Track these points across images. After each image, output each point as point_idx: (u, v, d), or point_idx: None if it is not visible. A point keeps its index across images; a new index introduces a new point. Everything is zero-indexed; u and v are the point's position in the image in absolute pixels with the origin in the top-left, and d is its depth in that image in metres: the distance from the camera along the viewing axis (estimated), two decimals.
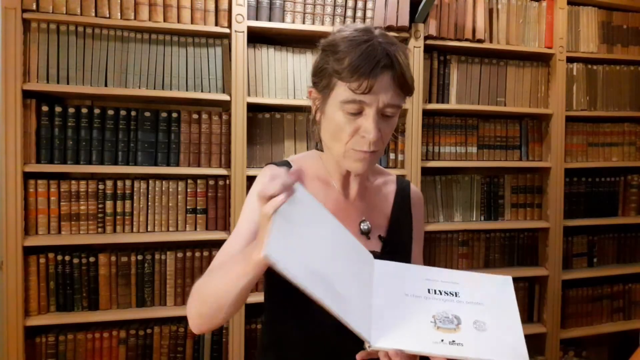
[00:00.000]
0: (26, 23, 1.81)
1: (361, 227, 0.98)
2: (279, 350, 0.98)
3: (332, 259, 0.74)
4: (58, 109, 1.87)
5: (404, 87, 0.88)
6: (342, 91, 0.87)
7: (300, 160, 1.04)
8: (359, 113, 0.87)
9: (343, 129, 0.89)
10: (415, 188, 1.10)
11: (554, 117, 2.38)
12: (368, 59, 0.84)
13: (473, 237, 2.36)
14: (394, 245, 0.99)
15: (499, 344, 0.74)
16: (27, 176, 1.84)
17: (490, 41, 2.30)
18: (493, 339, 0.74)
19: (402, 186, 1.08)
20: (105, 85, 1.90)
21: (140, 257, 1.95)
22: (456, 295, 0.79)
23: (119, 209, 1.94)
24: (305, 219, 0.73)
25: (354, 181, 1.01)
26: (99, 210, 1.92)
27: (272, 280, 0.97)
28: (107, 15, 1.86)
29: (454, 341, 0.73)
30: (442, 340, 0.73)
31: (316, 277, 0.68)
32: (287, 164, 1.01)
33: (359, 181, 1.01)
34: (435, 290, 0.80)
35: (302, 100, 2.05)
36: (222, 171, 2.00)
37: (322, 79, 0.92)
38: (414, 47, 2.13)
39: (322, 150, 1.02)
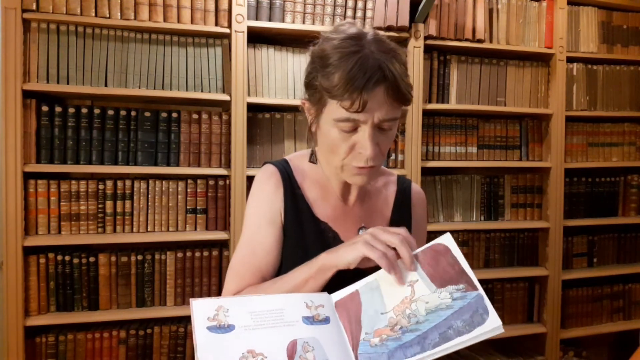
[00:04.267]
0: (26, 23, 1.81)
1: (359, 234, 0.95)
2: None
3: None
4: (58, 109, 1.87)
5: (400, 98, 0.83)
6: (334, 109, 0.83)
7: (297, 160, 1.02)
8: (354, 130, 0.85)
9: (339, 145, 0.86)
10: (416, 187, 1.08)
11: (554, 117, 2.38)
12: (359, 76, 0.79)
13: (473, 237, 2.36)
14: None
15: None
16: (27, 176, 1.84)
17: (490, 41, 2.30)
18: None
19: (403, 187, 1.06)
20: (105, 85, 1.90)
21: (140, 257, 1.95)
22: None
23: (119, 209, 1.94)
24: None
25: (353, 186, 0.99)
26: (99, 210, 1.92)
27: None
28: (107, 15, 1.86)
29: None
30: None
31: None
32: (286, 163, 1.00)
33: (359, 186, 0.99)
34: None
35: None
36: (222, 171, 2.00)
37: (313, 94, 0.88)
38: (414, 47, 2.13)
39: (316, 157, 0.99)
